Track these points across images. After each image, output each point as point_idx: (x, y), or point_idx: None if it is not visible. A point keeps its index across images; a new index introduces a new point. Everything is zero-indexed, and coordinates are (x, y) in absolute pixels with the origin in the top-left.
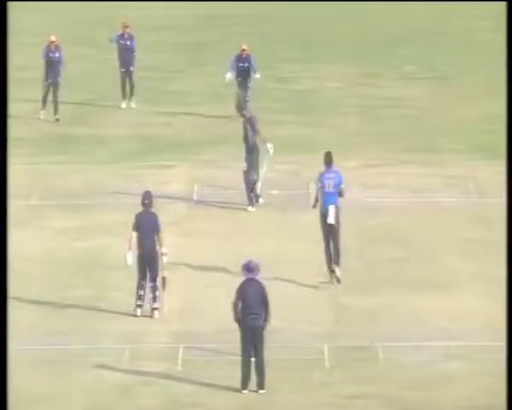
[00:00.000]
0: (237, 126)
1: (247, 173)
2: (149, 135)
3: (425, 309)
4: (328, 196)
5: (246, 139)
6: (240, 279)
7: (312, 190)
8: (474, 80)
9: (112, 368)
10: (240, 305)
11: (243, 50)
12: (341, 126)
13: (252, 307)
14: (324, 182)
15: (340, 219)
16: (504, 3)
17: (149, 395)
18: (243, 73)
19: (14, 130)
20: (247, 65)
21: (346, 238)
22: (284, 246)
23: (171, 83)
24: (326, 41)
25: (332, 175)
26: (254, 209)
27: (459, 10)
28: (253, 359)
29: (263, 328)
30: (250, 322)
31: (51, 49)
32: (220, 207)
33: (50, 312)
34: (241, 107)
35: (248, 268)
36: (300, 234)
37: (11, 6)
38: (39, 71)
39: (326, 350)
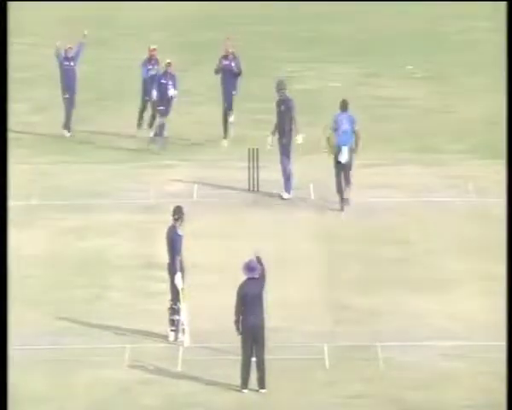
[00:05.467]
0: (237, 126)
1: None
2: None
3: (425, 309)
4: (342, 137)
5: (279, 124)
6: (240, 279)
7: (325, 133)
8: (474, 80)
9: (112, 368)
10: (241, 305)
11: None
12: None
13: (252, 307)
14: (338, 122)
15: (353, 160)
16: (504, 3)
17: (149, 394)
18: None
19: (14, 130)
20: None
21: (345, 238)
22: (284, 246)
23: None
24: (326, 41)
25: (345, 116)
26: (290, 196)
27: (459, 10)
28: (253, 358)
29: (263, 327)
30: (250, 322)
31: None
32: (220, 207)
33: (50, 312)
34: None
35: (249, 268)
36: (301, 234)
37: (11, 6)
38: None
39: (326, 350)
